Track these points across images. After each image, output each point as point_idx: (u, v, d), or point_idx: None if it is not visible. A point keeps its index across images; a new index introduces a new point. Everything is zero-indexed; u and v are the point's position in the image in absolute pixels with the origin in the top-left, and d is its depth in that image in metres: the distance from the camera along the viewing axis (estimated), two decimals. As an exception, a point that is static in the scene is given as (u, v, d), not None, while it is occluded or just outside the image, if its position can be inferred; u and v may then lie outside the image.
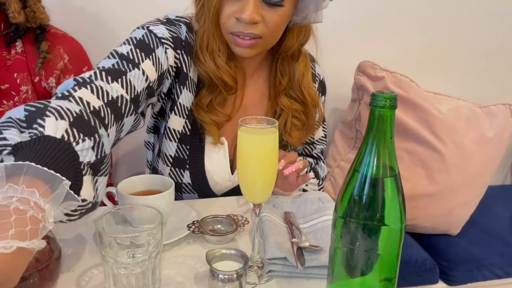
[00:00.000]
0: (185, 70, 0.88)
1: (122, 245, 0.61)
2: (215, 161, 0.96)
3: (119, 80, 0.73)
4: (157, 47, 0.83)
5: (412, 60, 1.61)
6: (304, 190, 1.06)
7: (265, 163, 0.68)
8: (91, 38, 1.24)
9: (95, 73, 0.72)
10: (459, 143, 1.40)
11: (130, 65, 0.77)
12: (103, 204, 0.86)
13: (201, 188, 0.98)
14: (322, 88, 1.07)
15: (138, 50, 0.80)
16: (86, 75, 0.72)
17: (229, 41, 0.86)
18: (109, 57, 0.79)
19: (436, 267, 1.31)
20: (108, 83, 0.71)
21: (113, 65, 0.76)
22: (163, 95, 0.91)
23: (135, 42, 0.82)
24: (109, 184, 1.05)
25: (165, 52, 0.84)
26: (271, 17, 0.81)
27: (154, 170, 1.05)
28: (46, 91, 1.04)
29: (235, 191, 1.00)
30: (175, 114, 0.91)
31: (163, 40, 0.84)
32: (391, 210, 0.52)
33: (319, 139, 1.11)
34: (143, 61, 0.80)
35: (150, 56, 0.81)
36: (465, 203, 1.43)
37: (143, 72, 0.79)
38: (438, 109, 1.40)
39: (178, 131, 0.93)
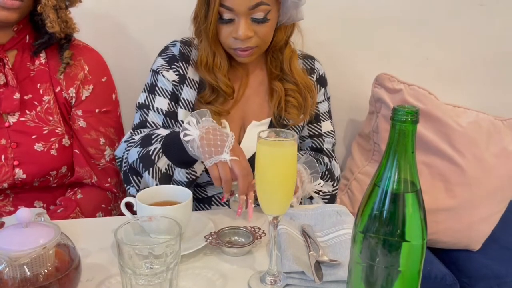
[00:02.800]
0: (182, 73, 1.06)
1: (140, 255, 0.62)
2: None
3: (146, 128, 1.04)
4: (158, 80, 1.06)
5: (430, 72, 1.59)
6: (311, 197, 1.06)
7: (283, 175, 0.68)
8: (112, 49, 1.27)
9: (131, 132, 1.04)
10: (480, 156, 1.37)
11: (146, 111, 1.05)
12: (121, 214, 0.87)
13: None
14: (322, 81, 1.16)
15: (150, 95, 1.06)
16: (127, 136, 1.04)
17: (232, 54, 1.03)
18: (135, 111, 1.07)
19: (456, 283, 1.28)
20: (142, 132, 1.02)
21: (139, 119, 1.06)
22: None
23: (148, 88, 1.07)
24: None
25: (163, 76, 1.05)
26: (261, 30, 0.98)
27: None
28: (67, 101, 1.06)
29: None
30: (181, 107, 1.06)
31: (159, 70, 1.06)
32: (412, 226, 0.52)
33: (328, 132, 1.16)
34: (154, 101, 1.05)
35: (156, 92, 1.05)
36: (486, 218, 1.39)
37: (157, 109, 1.05)
38: (457, 122, 1.38)
39: None
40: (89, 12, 1.27)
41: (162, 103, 1.05)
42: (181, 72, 1.05)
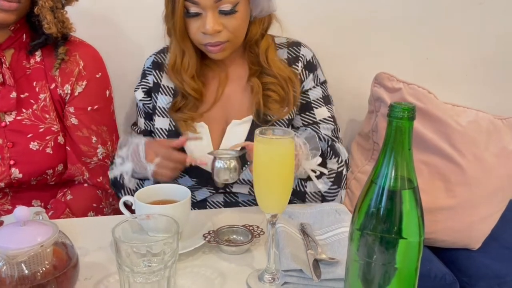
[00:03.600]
0: (156, 81, 1.07)
1: (138, 253, 0.62)
2: (198, 146, 1.04)
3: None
4: (136, 104, 1.11)
5: (430, 72, 1.59)
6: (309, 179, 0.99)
7: (281, 173, 0.68)
8: (110, 49, 1.25)
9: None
10: (479, 156, 1.37)
11: (134, 131, 1.13)
12: (120, 212, 0.87)
13: (195, 172, 1.04)
14: (310, 67, 1.08)
15: (136, 115, 1.14)
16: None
17: (203, 50, 1.00)
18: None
19: (456, 282, 1.28)
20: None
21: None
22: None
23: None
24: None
25: (137, 98, 1.09)
26: (230, 22, 0.95)
27: None
28: (61, 98, 1.05)
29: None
30: (158, 116, 1.07)
31: (135, 92, 1.10)
32: (409, 223, 0.52)
33: (324, 119, 1.07)
34: (137, 121, 1.13)
35: (137, 112, 1.12)
36: (486, 217, 1.39)
37: (137, 130, 1.12)
38: (457, 121, 1.38)
39: (165, 129, 1.07)
40: (87, 11, 1.27)
41: (140, 122, 1.12)
42: (155, 81, 1.06)
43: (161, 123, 1.06)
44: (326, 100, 1.09)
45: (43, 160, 1.02)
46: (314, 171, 0.96)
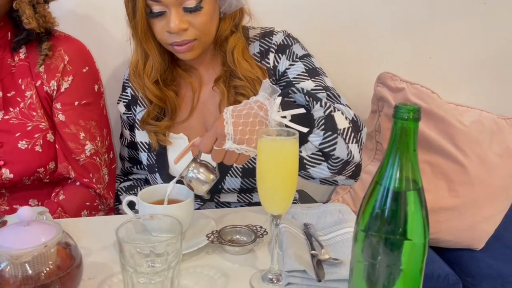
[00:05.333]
0: (134, 93, 1.05)
1: (141, 254, 0.62)
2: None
3: (125, 161, 1.20)
4: (120, 115, 1.11)
5: (433, 71, 1.58)
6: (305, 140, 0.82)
7: (285, 173, 0.67)
8: (97, 41, 1.21)
9: (121, 170, 1.20)
10: (483, 155, 1.37)
11: (121, 143, 1.17)
12: (122, 212, 0.87)
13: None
14: (281, 48, 1.00)
15: (121, 127, 1.15)
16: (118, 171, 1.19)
17: (171, 50, 0.95)
18: None
19: (459, 282, 1.28)
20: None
21: (120, 151, 1.20)
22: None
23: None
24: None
25: (120, 111, 1.09)
26: (197, 20, 0.90)
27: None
28: (48, 95, 1.03)
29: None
30: (137, 129, 1.06)
31: (117, 105, 1.10)
32: (414, 224, 0.51)
33: (311, 90, 0.93)
34: (123, 134, 1.15)
35: (122, 124, 1.14)
36: (489, 217, 1.39)
37: (123, 142, 1.15)
38: (460, 121, 1.38)
39: (146, 142, 1.06)
40: (73, 7, 1.25)
41: (126, 134, 1.13)
42: (133, 93, 1.05)
43: (141, 136, 1.05)
44: (311, 72, 0.97)
45: (33, 159, 0.99)
46: (285, 117, 0.76)
